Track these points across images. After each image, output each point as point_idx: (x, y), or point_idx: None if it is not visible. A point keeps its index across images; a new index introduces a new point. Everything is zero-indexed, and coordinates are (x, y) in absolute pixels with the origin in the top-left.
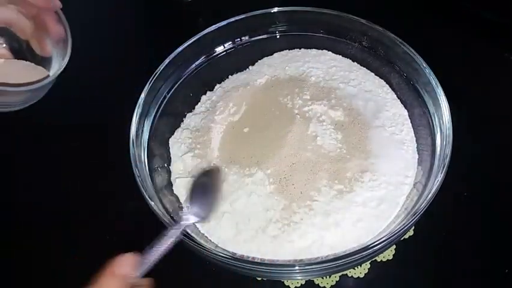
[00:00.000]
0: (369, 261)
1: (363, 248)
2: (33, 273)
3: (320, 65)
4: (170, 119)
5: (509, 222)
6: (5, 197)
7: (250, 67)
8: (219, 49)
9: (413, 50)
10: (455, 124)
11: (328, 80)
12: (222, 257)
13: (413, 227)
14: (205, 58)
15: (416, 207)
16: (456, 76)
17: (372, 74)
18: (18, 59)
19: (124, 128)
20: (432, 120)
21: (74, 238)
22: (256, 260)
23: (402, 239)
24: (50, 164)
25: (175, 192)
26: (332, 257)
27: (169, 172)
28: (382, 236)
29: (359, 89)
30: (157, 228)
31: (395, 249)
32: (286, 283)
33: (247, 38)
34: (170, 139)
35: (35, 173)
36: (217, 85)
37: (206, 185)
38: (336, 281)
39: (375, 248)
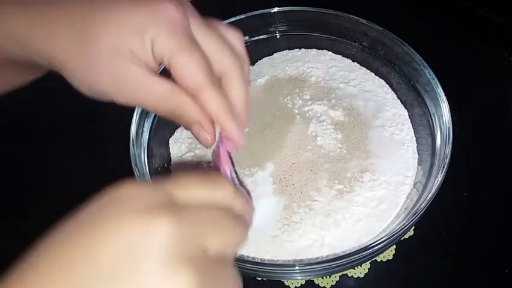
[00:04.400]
0: (369, 261)
1: (363, 248)
2: None
3: (320, 65)
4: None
5: (510, 222)
6: (4, 198)
7: (250, 67)
8: None
9: (413, 50)
10: (455, 124)
11: (328, 80)
12: None
13: (413, 227)
14: None
15: (416, 207)
16: (456, 76)
17: (372, 74)
18: None
19: (124, 128)
20: (432, 120)
21: None
22: (256, 260)
23: (402, 239)
24: (49, 165)
25: None
26: (332, 257)
27: (169, 172)
28: (382, 236)
29: (359, 89)
30: None
31: (395, 249)
32: (286, 283)
33: (247, 38)
34: (170, 139)
35: (32, 174)
36: None
37: None
38: (336, 281)
39: (375, 248)
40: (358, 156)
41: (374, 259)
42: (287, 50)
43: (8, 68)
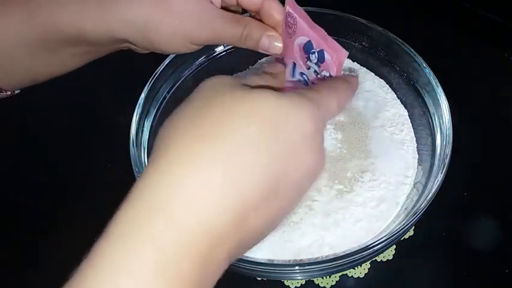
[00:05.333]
0: (369, 261)
1: (363, 248)
2: (38, 273)
3: None
4: None
5: (510, 222)
6: (5, 198)
7: (250, 67)
8: (219, 49)
9: (413, 50)
10: (455, 124)
11: None
12: None
13: (413, 227)
14: (205, 58)
15: (416, 207)
16: (456, 76)
17: (372, 74)
18: None
19: (124, 128)
20: (432, 120)
21: (73, 239)
22: (256, 260)
23: (402, 239)
24: (49, 165)
25: None
26: (332, 257)
27: None
28: (382, 236)
29: (359, 89)
30: None
31: (395, 249)
32: (286, 283)
33: None
34: None
35: (32, 174)
36: None
37: None
38: (336, 281)
39: (375, 248)
40: (358, 156)
41: (374, 259)
42: None
43: (71, 48)
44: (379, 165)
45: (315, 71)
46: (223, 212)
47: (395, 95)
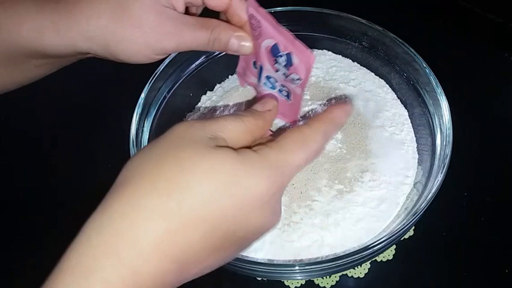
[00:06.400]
0: (369, 261)
1: (363, 248)
2: (38, 273)
3: (320, 65)
4: (170, 119)
5: (509, 222)
6: (5, 198)
7: None
8: None
9: (413, 50)
10: (455, 124)
11: (328, 80)
12: None
13: (413, 227)
14: (205, 58)
15: (416, 207)
16: (456, 76)
17: (372, 74)
18: None
19: (124, 128)
20: (432, 120)
21: (73, 239)
22: (256, 260)
23: (402, 239)
24: (49, 165)
25: None
26: (332, 257)
27: None
28: (382, 236)
29: (359, 89)
30: None
31: (395, 249)
32: (286, 283)
33: None
34: None
35: (33, 174)
36: (217, 85)
37: None
38: (336, 281)
39: (375, 248)
40: (358, 156)
41: (374, 259)
42: None
43: (34, 60)
44: (379, 165)
45: (284, 74)
46: (165, 261)
47: (395, 95)
